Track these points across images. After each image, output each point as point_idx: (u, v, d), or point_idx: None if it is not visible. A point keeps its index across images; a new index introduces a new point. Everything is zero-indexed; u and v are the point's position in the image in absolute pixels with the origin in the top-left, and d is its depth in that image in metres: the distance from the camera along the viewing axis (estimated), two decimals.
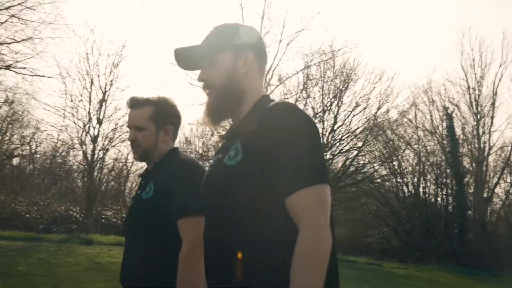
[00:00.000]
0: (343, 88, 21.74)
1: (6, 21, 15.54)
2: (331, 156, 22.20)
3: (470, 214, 23.79)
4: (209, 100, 1.60)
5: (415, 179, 24.09)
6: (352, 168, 22.49)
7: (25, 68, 15.40)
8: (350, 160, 22.39)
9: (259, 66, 1.63)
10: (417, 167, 24.08)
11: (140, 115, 2.32)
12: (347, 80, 21.80)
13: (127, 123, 2.37)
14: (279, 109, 1.45)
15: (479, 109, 24.14)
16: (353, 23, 38.36)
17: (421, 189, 24.30)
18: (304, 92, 21.19)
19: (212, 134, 21.29)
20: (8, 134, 20.45)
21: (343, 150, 22.34)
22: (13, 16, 15.82)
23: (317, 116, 21.63)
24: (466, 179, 23.77)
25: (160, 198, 2.15)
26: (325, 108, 21.83)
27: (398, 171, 24.10)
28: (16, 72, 15.46)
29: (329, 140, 21.82)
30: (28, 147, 21.60)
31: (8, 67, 15.20)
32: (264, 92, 1.65)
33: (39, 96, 21.59)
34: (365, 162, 23.19)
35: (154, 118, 2.31)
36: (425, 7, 44.42)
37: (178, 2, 37.39)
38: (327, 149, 21.68)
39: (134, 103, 2.34)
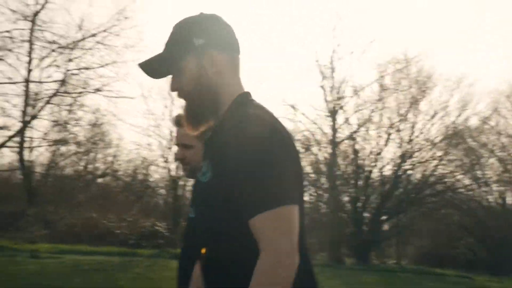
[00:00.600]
0: (420, 97, 21.33)
1: (91, 48, 16.60)
2: (410, 166, 21.80)
3: None
4: (186, 108, 1.55)
5: (502, 188, 23.10)
6: (432, 178, 21.89)
7: (111, 90, 16.39)
8: (430, 170, 21.82)
9: (229, 60, 1.52)
10: (504, 175, 23.07)
11: (187, 133, 2.34)
12: (423, 88, 21.36)
13: (175, 141, 2.36)
14: (247, 124, 1.37)
15: None
16: (428, 28, 37.34)
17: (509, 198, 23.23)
18: (379, 103, 20.96)
19: None
20: (92, 154, 21.64)
21: (422, 160, 21.86)
22: (98, 42, 16.97)
23: (393, 126, 21.34)
24: None
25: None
26: (401, 118, 21.50)
27: (482, 180, 23.19)
28: (104, 96, 16.46)
29: (408, 150, 21.44)
30: (111, 166, 22.76)
31: (96, 91, 16.23)
32: (241, 87, 1.54)
33: (124, 117, 22.66)
34: (445, 172, 22.53)
35: (201, 136, 2.33)
36: (503, 7, 42.59)
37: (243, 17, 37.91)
38: (405, 159, 21.32)
39: (181, 121, 2.27)
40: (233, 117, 1.44)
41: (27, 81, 15.87)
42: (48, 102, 16.50)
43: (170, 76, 1.58)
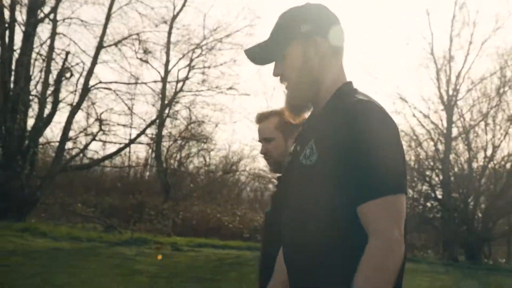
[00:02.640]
0: None
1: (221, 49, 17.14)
2: None
3: None
4: (288, 94, 1.56)
5: None
6: None
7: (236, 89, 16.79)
8: None
9: (334, 49, 1.53)
10: None
11: (266, 127, 2.37)
12: None
13: (258, 137, 2.43)
14: (360, 109, 1.37)
15: None
16: None
17: None
18: (498, 97, 19.93)
19: None
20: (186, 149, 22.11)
21: None
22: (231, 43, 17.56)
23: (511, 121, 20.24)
24: None
25: (274, 215, 2.20)
26: None
27: None
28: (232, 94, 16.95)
29: None
30: (203, 160, 23.17)
31: (229, 89, 16.71)
32: (344, 77, 1.55)
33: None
34: None
35: (280, 127, 2.34)
36: None
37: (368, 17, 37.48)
38: None
39: (260, 117, 2.41)
40: (342, 103, 1.43)
41: (164, 81, 16.62)
42: (171, 102, 17.17)
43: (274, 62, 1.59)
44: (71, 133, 16.04)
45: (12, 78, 14.46)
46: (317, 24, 1.52)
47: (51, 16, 15.92)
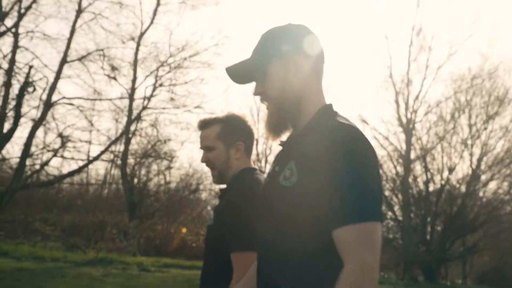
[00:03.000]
0: (494, 114, 21.00)
1: (188, 67, 17.10)
2: (481, 185, 21.47)
3: None
4: (268, 113, 1.56)
5: None
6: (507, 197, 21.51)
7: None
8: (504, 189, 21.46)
9: (313, 66, 1.53)
10: None
11: (208, 135, 2.26)
12: (497, 106, 20.99)
13: (199, 144, 2.31)
14: (341, 133, 1.37)
15: None
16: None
17: None
18: (453, 121, 20.74)
19: None
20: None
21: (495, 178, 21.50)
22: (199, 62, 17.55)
23: (466, 143, 21.07)
24: None
25: (217, 227, 2.12)
26: (473, 135, 21.21)
27: None
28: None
29: (480, 168, 21.13)
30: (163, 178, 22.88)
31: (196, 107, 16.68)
32: (323, 98, 1.56)
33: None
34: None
35: (221, 136, 2.24)
36: None
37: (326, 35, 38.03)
38: (476, 177, 21.01)
39: (202, 124, 2.29)
40: (323, 125, 1.44)
41: (130, 98, 16.39)
42: (137, 118, 16.96)
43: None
44: (33, 149, 15.57)
45: None
46: (298, 44, 1.53)
47: (13, 29, 15.56)
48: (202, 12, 43.03)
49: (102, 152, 16.65)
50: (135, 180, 16.67)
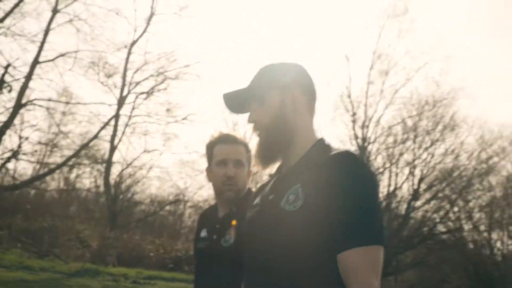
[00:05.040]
0: (438, 140, 22.50)
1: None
2: (421, 204, 22.94)
3: None
4: (259, 141, 1.57)
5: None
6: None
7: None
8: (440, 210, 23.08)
9: (308, 103, 1.59)
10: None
11: (241, 152, 2.23)
12: (442, 133, 22.40)
13: (224, 156, 2.22)
14: (343, 160, 1.40)
15: None
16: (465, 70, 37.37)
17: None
18: (401, 146, 22.08)
19: None
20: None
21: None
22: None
23: (411, 165, 22.48)
24: None
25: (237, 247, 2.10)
26: (415, 158, 22.68)
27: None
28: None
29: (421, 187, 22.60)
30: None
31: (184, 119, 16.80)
32: (315, 133, 1.59)
33: None
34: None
35: (247, 159, 2.26)
36: None
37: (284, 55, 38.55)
38: (417, 197, 22.48)
39: (233, 139, 2.26)
40: (324, 154, 1.46)
41: (119, 104, 16.06)
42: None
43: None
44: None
45: None
46: (297, 80, 1.57)
47: None
48: (192, 22, 42.45)
49: (70, 158, 16.18)
50: (118, 189, 16.35)
